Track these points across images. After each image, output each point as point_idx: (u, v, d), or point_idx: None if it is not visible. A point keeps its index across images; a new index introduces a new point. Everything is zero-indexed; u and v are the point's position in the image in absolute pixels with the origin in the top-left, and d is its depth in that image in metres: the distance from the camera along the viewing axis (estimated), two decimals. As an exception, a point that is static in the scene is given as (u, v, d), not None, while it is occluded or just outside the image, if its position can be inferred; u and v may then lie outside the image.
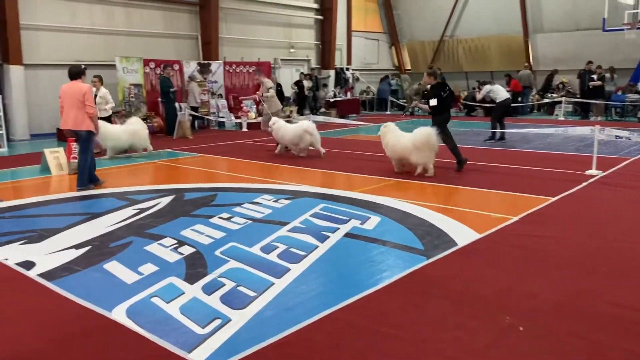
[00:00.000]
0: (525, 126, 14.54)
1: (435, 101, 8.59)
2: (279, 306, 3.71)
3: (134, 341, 3.24)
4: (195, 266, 4.52)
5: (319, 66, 22.23)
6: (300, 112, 18.30)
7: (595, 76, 17.58)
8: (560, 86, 20.23)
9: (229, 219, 5.99)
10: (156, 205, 6.70)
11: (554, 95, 19.95)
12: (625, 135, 9.15)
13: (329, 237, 5.27)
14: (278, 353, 3.07)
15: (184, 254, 4.82)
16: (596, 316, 3.45)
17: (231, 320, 3.49)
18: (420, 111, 21.46)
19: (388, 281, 4.10)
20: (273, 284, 4.10)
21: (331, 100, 20.42)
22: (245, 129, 16.01)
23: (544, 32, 21.83)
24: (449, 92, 8.84)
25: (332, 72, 22.32)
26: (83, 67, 7.78)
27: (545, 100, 20.07)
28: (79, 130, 7.51)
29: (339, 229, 5.54)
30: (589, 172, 8.23)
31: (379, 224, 5.74)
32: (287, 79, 20.08)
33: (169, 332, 3.33)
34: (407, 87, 22.66)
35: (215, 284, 4.12)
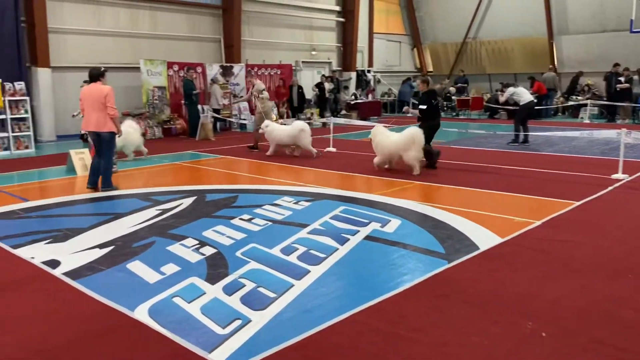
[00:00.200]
0: (549, 129, 14.32)
1: (424, 106, 9.22)
2: (298, 308, 3.72)
3: (155, 340, 3.29)
4: (216, 267, 4.56)
5: (340, 68, 22.22)
6: (321, 114, 18.31)
7: (622, 78, 17.24)
8: (585, 88, 19.89)
9: (249, 220, 6.03)
10: (178, 206, 6.78)
11: (579, 97, 19.62)
12: (653, 138, 8.95)
13: (349, 239, 5.27)
14: (297, 355, 3.08)
15: (205, 255, 4.87)
16: (621, 323, 3.38)
17: (251, 321, 3.51)
18: (443, 113, 21.47)
19: (408, 284, 4.08)
20: (293, 285, 4.11)
21: (352, 103, 20.40)
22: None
23: (569, 34, 21.49)
24: (437, 102, 9.64)
25: (354, 74, 22.29)
26: (103, 69, 7.86)
27: (570, 103, 19.75)
28: (101, 132, 7.60)
29: (359, 231, 5.53)
30: (615, 176, 8.07)
31: (399, 227, 5.72)
32: (308, 81, 20.10)
33: (190, 332, 3.36)
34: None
35: (236, 284, 4.15)
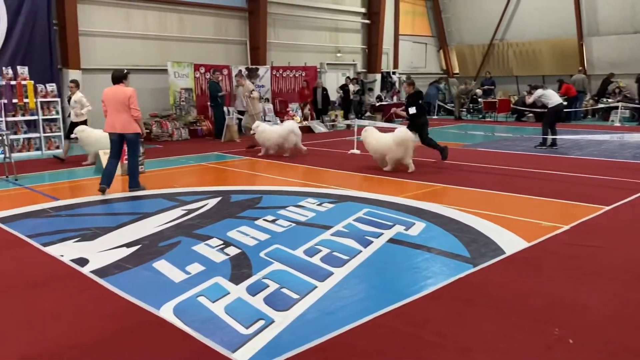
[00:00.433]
0: (578, 132, 14.05)
1: (414, 109, 9.70)
2: (321, 309, 3.72)
3: (180, 339, 3.33)
4: (241, 267, 4.59)
5: (365, 70, 22.18)
6: (345, 116, 18.30)
7: (655, 80, 16.82)
8: (616, 91, 19.43)
9: (273, 221, 6.06)
10: (204, 206, 6.85)
11: (609, 100, 19.18)
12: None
13: (372, 242, 5.25)
14: (319, 357, 3.08)
15: (229, 255, 4.91)
16: (652, 331, 3.30)
17: (274, 321, 3.53)
18: (469, 115, 21.29)
19: (432, 288, 4.05)
20: (316, 287, 4.12)
21: (377, 104, 20.34)
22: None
23: (599, 35, 21.05)
24: (423, 101, 10.29)
25: (379, 76, 22.23)
26: (125, 71, 7.97)
27: (600, 106, 19.32)
28: (127, 134, 7.69)
29: (382, 234, 5.51)
30: (646, 180, 7.88)
31: (423, 230, 5.68)
32: (332, 83, 20.12)
33: (214, 331, 3.40)
34: (454, 91, 22.37)
35: (260, 285, 4.17)
